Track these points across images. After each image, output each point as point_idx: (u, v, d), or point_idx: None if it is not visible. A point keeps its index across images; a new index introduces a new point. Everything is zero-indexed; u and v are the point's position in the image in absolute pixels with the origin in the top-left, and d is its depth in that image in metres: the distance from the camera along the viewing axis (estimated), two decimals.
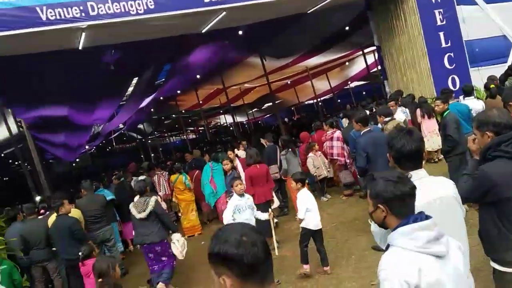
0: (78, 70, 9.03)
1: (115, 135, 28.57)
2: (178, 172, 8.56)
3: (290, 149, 7.73)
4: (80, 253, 4.90)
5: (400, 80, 10.09)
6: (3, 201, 13.08)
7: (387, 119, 6.41)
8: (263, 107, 28.28)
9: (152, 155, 29.72)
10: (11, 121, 11.95)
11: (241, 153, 8.72)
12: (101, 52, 8.52)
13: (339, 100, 25.25)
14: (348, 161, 7.87)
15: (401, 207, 1.75)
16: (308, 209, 4.85)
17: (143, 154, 28.90)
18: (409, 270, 1.59)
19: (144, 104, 16.93)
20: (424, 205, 1.99)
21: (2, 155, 19.48)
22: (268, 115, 33.10)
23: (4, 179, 25.49)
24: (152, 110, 20.84)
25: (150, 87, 14.21)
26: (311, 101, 26.60)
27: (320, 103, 23.31)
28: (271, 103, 22.79)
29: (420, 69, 9.49)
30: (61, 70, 8.79)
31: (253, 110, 29.48)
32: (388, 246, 1.76)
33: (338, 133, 8.06)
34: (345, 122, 9.54)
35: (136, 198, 5.80)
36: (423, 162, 2.27)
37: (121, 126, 23.86)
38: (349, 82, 24.28)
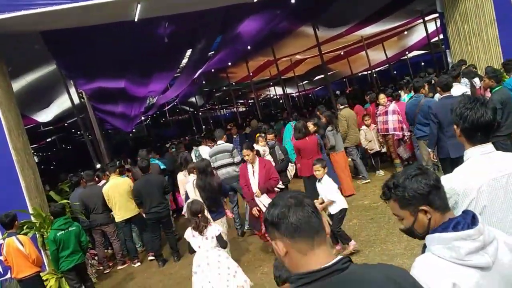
0: (134, 42, 9.26)
1: (168, 107, 29.41)
2: None
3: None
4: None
5: (464, 49, 9.38)
6: (68, 168, 14.04)
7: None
8: (314, 79, 27.74)
9: (203, 127, 30.42)
10: (73, 92, 12.65)
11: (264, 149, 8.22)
12: (156, 24, 8.65)
13: (395, 72, 24.14)
14: (406, 134, 7.39)
15: (440, 199, 1.50)
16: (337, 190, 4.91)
17: (194, 126, 29.67)
18: (442, 284, 1.37)
19: (196, 76, 17.19)
20: (490, 182, 1.86)
21: (66, 124, 20.74)
22: (319, 87, 32.44)
23: (68, 147, 27.26)
24: (203, 82, 21.13)
25: (202, 59, 14.34)
26: (365, 73, 25.67)
27: (374, 75, 22.42)
28: (322, 75, 22.25)
29: (487, 37, 8.74)
30: (119, 42, 9.06)
31: (304, 82, 29.01)
32: (425, 247, 1.54)
33: (393, 106, 7.65)
34: (402, 94, 9.08)
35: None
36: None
37: (174, 98, 24.50)
38: (407, 52, 23.07)
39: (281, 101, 32.09)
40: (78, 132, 23.73)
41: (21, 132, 7.46)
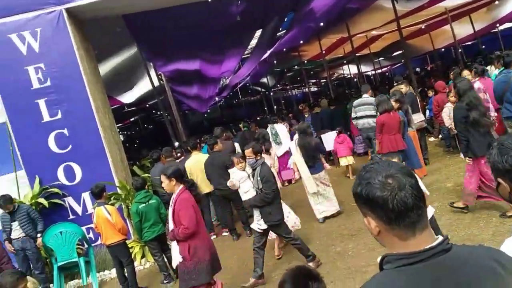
0: (208, 22, 9.45)
1: (240, 85, 29.82)
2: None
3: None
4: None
5: None
6: (149, 145, 14.95)
7: None
8: (391, 56, 26.28)
9: (275, 107, 30.47)
10: (153, 75, 13.34)
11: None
12: (228, 3, 8.74)
13: (483, 46, 21.97)
14: (493, 114, 6.69)
15: None
16: None
17: (266, 106, 29.87)
18: None
19: (267, 56, 17.15)
20: None
21: (147, 105, 22.00)
22: (397, 65, 30.71)
23: (149, 127, 29.04)
24: (275, 62, 21.04)
25: (273, 38, 14.23)
26: (449, 48, 23.72)
27: (460, 50, 20.62)
28: (401, 51, 20.97)
29: None
30: (193, 23, 9.30)
31: (380, 59, 27.62)
32: None
33: (479, 84, 6.94)
34: (492, 70, 8.23)
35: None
36: None
37: (246, 78, 24.76)
38: (498, 25, 20.83)
39: (355, 79, 30.97)
40: (158, 113, 25.09)
41: (107, 111, 8.04)
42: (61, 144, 6.88)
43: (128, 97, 16.31)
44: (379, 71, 30.25)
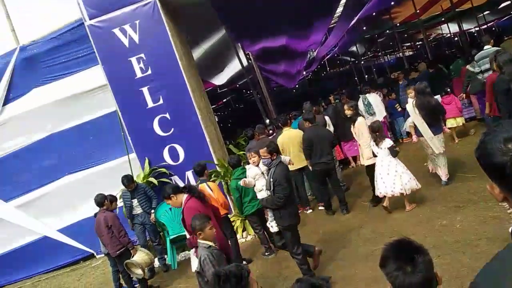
0: None
1: (328, 57, 29.02)
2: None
3: None
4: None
5: None
6: (241, 124, 15.42)
7: None
8: (499, 7, 23.25)
9: (366, 76, 29.14)
10: (242, 55, 13.62)
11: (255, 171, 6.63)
12: None
13: None
14: None
15: None
16: None
17: (356, 76, 28.72)
18: None
19: (354, 22, 16.36)
20: None
21: (238, 85, 22.62)
22: (506, 17, 27.15)
23: (240, 106, 29.92)
24: (364, 28, 20.01)
25: (361, 2, 13.50)
26: None
27: None
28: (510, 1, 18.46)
29: None
30: None
31: (485, 13, 24.62)
32: None
33: None
34: None
35: None
36: None
37: (333, 49, 24.01)
38: None
39: (455, 38, 28.13)
40: (248, 92, 25.66)
41: (202, 94, 8.46)
42: (164, 128, 7.43)
43: (219, 79, 16.93)
44: (484, 27, 27.05)
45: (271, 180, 4.59)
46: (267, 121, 12.00)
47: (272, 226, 4.87)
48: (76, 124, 8.14)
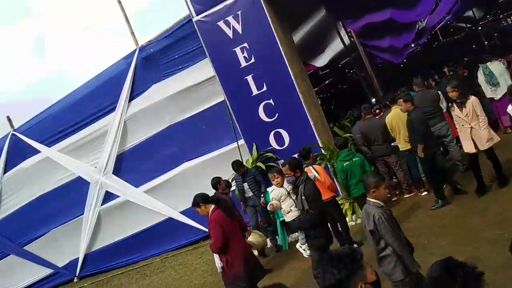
0: None
1: (439, 26, 26.47)
2: None
3: None
4: None
5: None
6: (345, 105, 15.04)
7: None
8: None
9: (486, 43, 25.91)
10: (343, 34, 13.20)
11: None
12: None
13: None
14: None
15: None
16: None
17: (474, 44, 25.68)
18: None
19: None
20: None
21: (340, 66, 22.00)
22: None
23: (344, 86, 29.09)
24: None
25: None
26: None
27: None
28: None
29: None
30: None
31: None
32: None
33: None
34: None
35: None
36: None
37: (446, 17, 21.81)
38: None
39: None
40: (351, 71, 24.81)
41: (304, 77, 8.44)
42: (269, 113, 7.62)
43: (321, 60, 16.65)
44: None
45: (303, 197, 4.39)
46: (373, 100, 11.51)
47: (304, 249, 4.74)
48: (190, 115, 8.79)
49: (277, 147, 7.68)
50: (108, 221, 9.55)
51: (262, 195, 7.00)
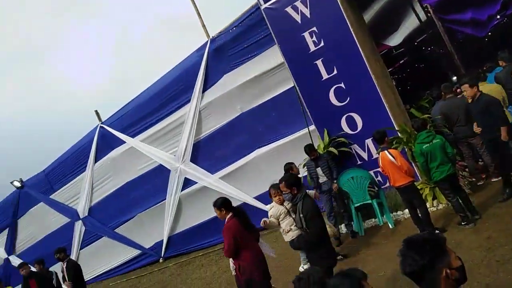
0: None
1: None
2: None
3: None
4: None
5: None
6: (423, 85, 14.20)
7: None
8: None
9: None
10: (419, 10, 12.40)
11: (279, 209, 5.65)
12: None
13: None
14: None
15: None
16: None
17: None
18: None
19: None
20: None
21: (416, 44, 20.72)
22: None
23: (420, 65, 27.39)
24: None
25: None
26: None
27: None
28: None
29: None
30: None
31: None
32: None
33: None
34: None
35: None
36: None
37: None
38: None
39: None
40: (429, 48, 23.26)
41: (377, 58, 8.12)
42: (341, 97, 7.47)
43: (395, 39, 15.83)
44: None
45: (301, 215, 4.17)
46: (454, 78, 10.74)
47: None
48: (261, 102, 8.92)
49: (350, 132, 7.52)
50: (188, 206, 10.11)
51: (335, 181, 6.93)
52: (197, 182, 9.87)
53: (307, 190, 4.60)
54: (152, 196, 10.47)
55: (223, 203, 4.92)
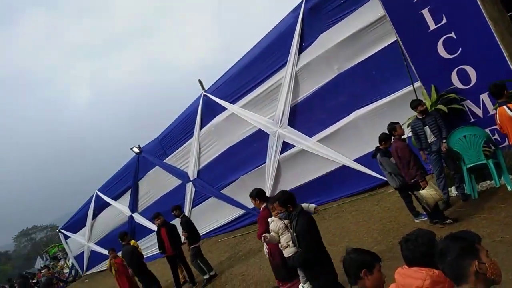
0: None
1: None
2: None
3: None
4: None
5: None
6: None
7: None
8: None
9: None
10: None
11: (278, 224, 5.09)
12: None
13: None
14: None
15: None
16: None
17: None
18: None
19: None
20: None
21: None
22: None
23: None
24: None
25: None
26: None
27: None
28: None
29: None
30: None
31: None
32: None
33: None
34: None
35: None
36: None
37: None
38: None
39: None
40: None
41: (495, 1, 7.13)
42: (450, 49, 6.77)
43: None
44: None
45: (294, 234, 4.05)
46: None
47: None
48: (359, 61, 8.55)
49: (461, 87, 6.83)
50: (287, 169, 10.35)
51: (444, 141, 6.43)
52: (295, 146, 9.99)
53: (303, 204, 4.57)
54: (253, 160, 10.91)
55: (258, 194, 5.41)
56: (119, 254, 9.37)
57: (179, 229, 8.72)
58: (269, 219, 4.87)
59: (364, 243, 6.50)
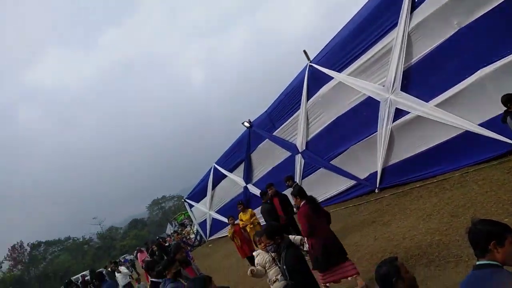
0: None
1: None
2: None
3: None
4: None
5: None
6: None
7: None
8: None
9: None
10: None
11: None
12: None
13: None
14: None
15: None
16: None
17: None
18: None
19: None
20: None
21: None
22: None
23: None
24: None
25: None
26: None
27: None
28: None
29: None
30: None
31: None
32: None
33: None
34: None
35: None
36: None
37: None
38: None
39: None
40: None
41: None
42: None
43: None
44: None
45: (284, 267, 3.86)
46: None
47: None
48: (483, 13, 7.57)
49: None
50: (401, 137, 9.81)
51: None
52: (410, 112, 9.38)
53: (291, 236, 4.65)
54: (363, 129, 10.56)
55: (298, 192, 5.91)
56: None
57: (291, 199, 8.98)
58: (255, 253, 4.71)
59: (493, 215, 5.92)
